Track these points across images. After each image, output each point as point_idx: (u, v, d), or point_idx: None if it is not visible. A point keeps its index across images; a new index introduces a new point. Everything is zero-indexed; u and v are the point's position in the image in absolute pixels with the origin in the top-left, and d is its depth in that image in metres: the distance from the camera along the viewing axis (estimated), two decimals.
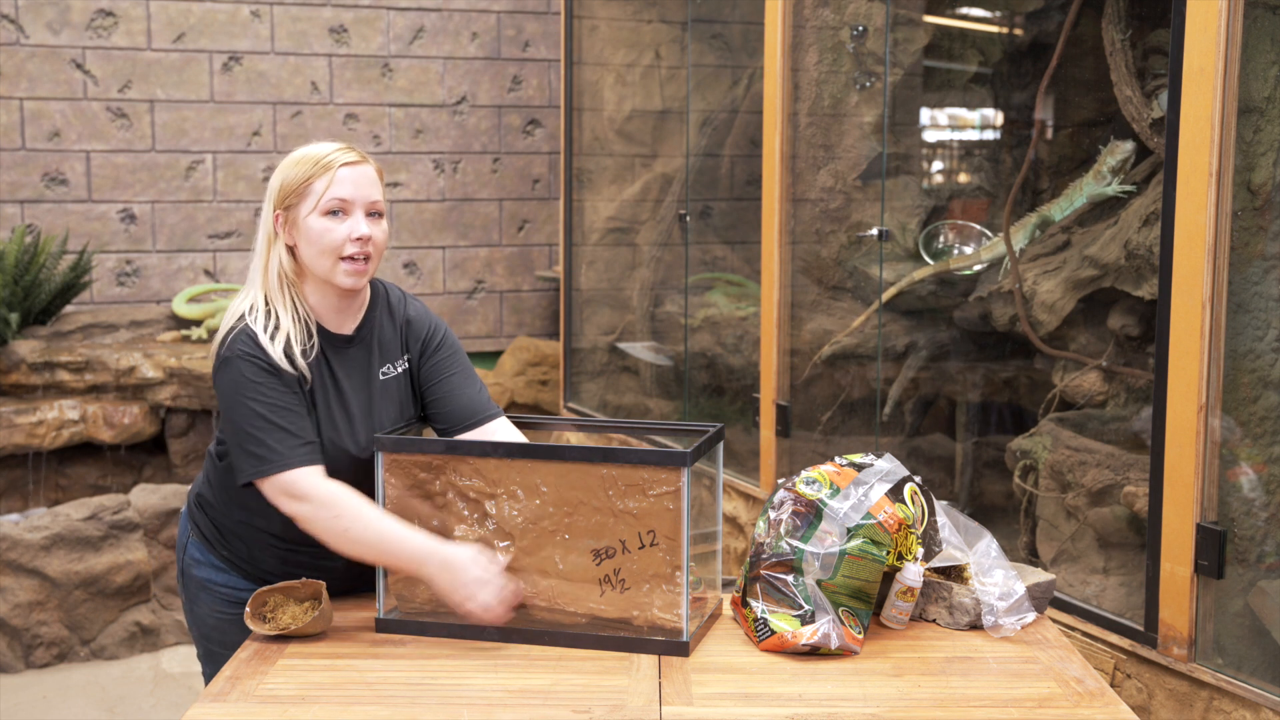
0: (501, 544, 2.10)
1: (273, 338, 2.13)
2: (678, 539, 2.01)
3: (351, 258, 2.15)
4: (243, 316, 2.17)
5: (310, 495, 2.08)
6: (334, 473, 2.15)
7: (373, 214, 2.18)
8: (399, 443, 2.12)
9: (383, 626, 2.14)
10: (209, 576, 2.31)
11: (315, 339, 2.19)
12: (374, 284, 2.33)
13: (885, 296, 3.70)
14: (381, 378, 2.26)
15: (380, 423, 2.24)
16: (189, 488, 2.43)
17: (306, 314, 2.19)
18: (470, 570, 2.03)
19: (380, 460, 2.12)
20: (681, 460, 1.99)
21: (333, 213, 2.15)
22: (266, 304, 2.17)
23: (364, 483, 2.16)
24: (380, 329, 2.29)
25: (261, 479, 2.09)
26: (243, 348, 2.12)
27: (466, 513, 2.11)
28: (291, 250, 2.19)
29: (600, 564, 2.05)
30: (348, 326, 2.25)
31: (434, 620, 2.13)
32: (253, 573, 2.29)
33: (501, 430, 2.31)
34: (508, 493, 2.08)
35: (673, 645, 2.03)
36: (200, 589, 2.32)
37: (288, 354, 2.13)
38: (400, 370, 2.30)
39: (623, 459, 2.03)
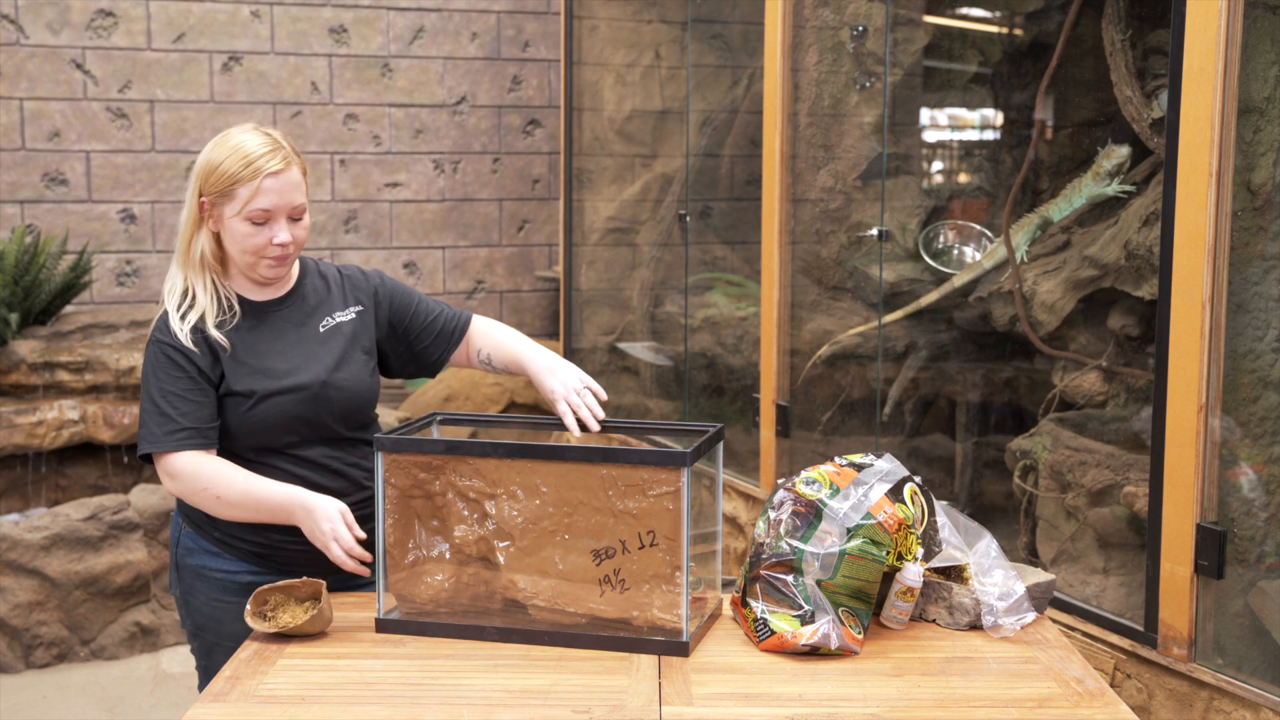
0: (501, 544, 2.10)
1: (184, 317, 2.24)
2: (677, 539, 2.01)
3: (273, 258, 2.26)
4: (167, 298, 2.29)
5: (178, 473, 2.21)
6: (278, 412, 2.25)
7: (295, 217, 2.26)
8: (399, 443, 2.12)
9: (383, 627, 2.14)
10: (203, 563, 2.33)
11: (236, 310, 2.28)
12: (303, 260, 2.42)
13: (889, 319, 3.70)
14: (321, 329, 2.34)
15: (322, 362, 2.31)
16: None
17: (227, 292, 2.28)
18: (323, 522, 2.17)
19: (380, 460, 2.12)
20: (681, 460, 2.00)
21: (256, 220, 2.23)
22: (185, 283, 2.27)
23: (324, 409, 2.28)
24: (313, 290, 2.37)
25: (147, 455, 2.24)
26: (157, 333, 2.26)
27: (466, 513, 2.11)
28: (216, 235, 2.28)
29: (600, 564, 2.06)
30: (274, 295, 2.34)
31: (434, 620, 2.13)
32: (248, 549, 2.30)
33: (483, 326, 2.51)
34: (507, 493, 2.08)
35: (673, 645, 2.03)
36: (195, 578, 2.34)
37: (200, 328, 2.24)
38: (348, 318, 2.37)
39: (623, 459, 2.03)
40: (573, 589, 2.07)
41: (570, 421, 2.27)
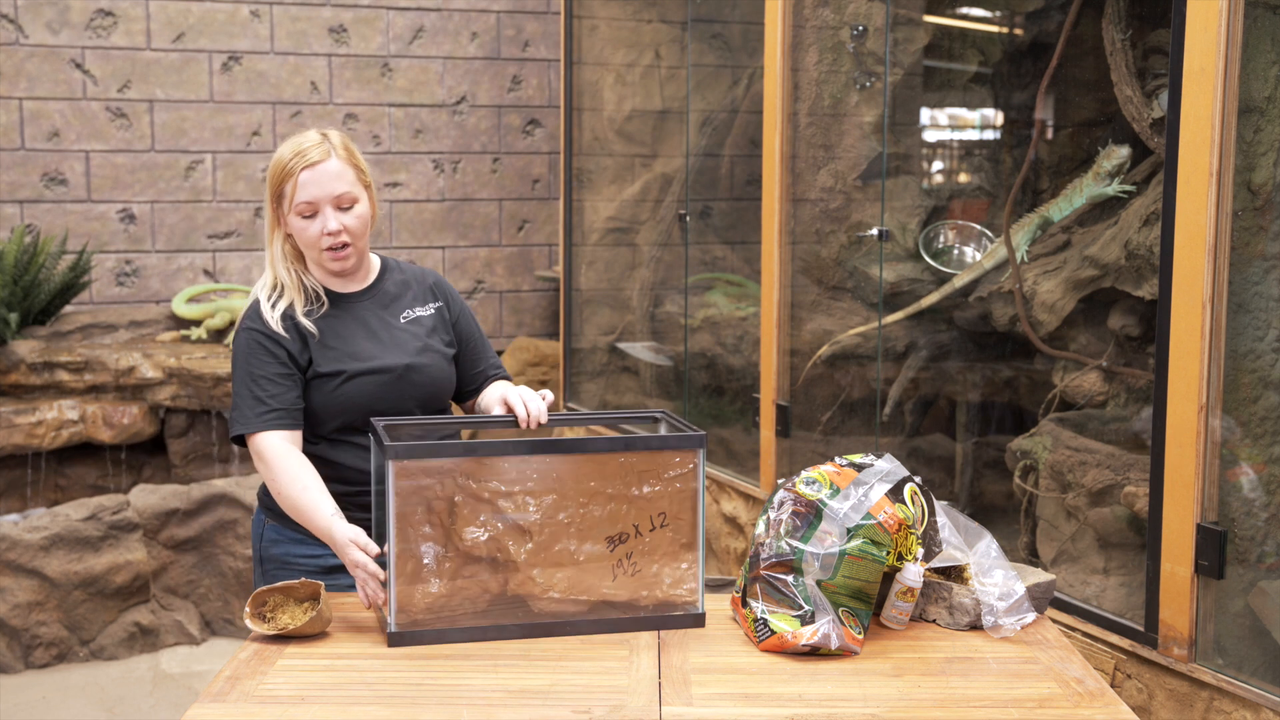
0: (516, 541, 2.10)
1: (274, 305, 2.35)
2: (690, 517, 2.12)
3: (331, 248, 2.34)
4: (259, 290, 2.39)
5: (262, 455, 2.31)
6: (362, 393, 2.34)
7: (343, 206, 2.33)
8: (410, 449, 2.07)
9: (395, 640, 2.09)
10: (288, 551, 2.40)
11: (324, 300, 2.39)
12: (384, 259, 2.53)
13: (889, 319, 3.70)
14: (403, 319, 2.43)
15: (406, 347, 2.40)
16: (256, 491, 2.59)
17: (314, 285, 2.39)
18: (346, 552, 2.16)
19: (391, 470, 2.10)
20: (699, 442, 2.13)
21: (304, 214, 2.32)
22: (275, 278, 2.38)
23: (408, 392, 2.38)
24: (393, 285, 2.47)
25: (237, 434, 2.34)
26: (247, 321, 2.36)
27: (476, 514, 2.10)
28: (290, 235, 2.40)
29: (614, 549, 2.13)
30: (356, 287, 2.45)
31: (450, 627, 2.10)
32: None
33: (498, 385, 2.50)
34: (524, 489, 2.10)
35: (689, 618, 2.13)
36: (279, 567, 2.41)
37: (290, 315, 2.34)
38: (428, 312, 2.47)
39: (641, 445, 2.12)
40: (587, 577, 2.12)
41: (519, 412, 2.32)
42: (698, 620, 2.15)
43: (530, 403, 2.32)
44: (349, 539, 2.19)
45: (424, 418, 2.37)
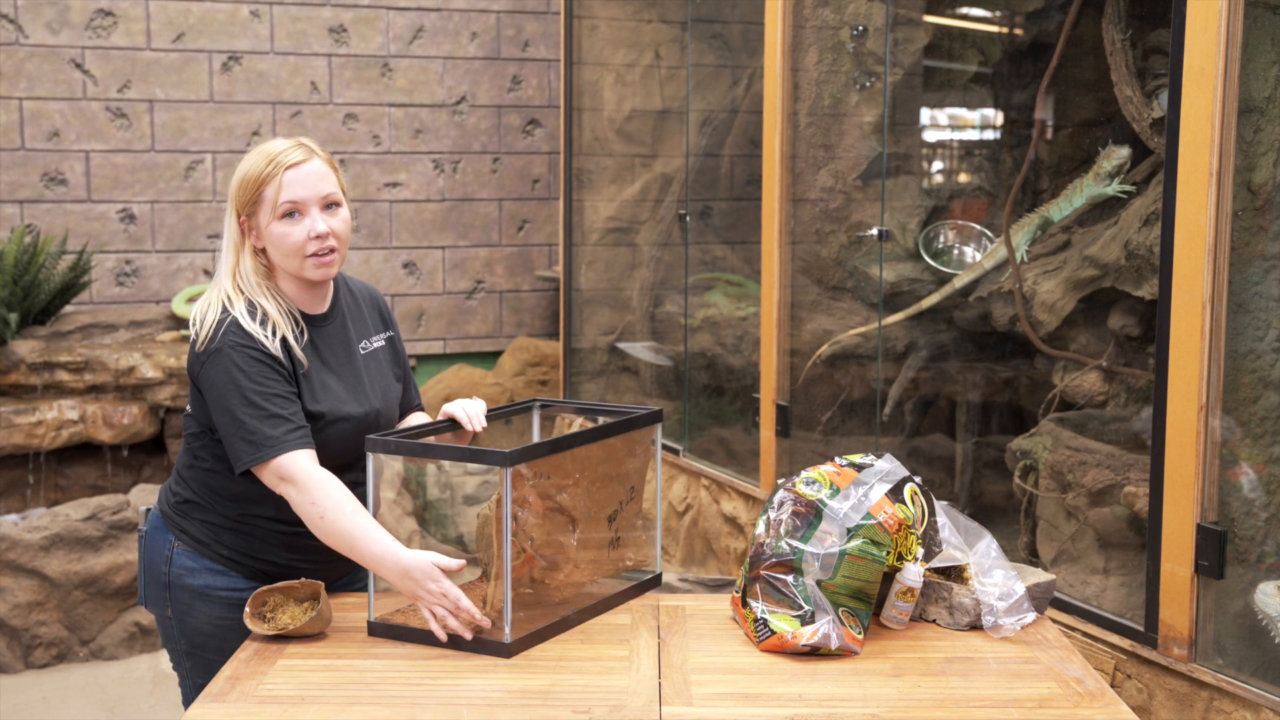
0: (567, 535, 2.16)
1: (263, 326, 2.18)
2: (647, 485, 2.29)
3: (316, 253, 2.20)
4: (225, 310, 2.19)
5: (297, 478, 2.11)
6: (340, 439, 2.22)
7: (329, 206, 2.22)
8: (525, 452, 2.03)
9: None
10: (208, 583, 2.25)
11: (304, 326, 2.24)
12: None
13: (889, 320, 3.70)
14: (362, 351, 2.33)
15: (373, 390, 2.31)
16: (145, 507, 2.43)
17: (289, 305, 2.24)
18: (426, 582, 2.03)
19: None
20: (658, 417, 2.33)
21: (288, 215, 2.19)
22: (249, 301, 2.21)
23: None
24: (348, 306, 2.36)
25: (259, 465, 2.12)
26: (234, 338, 2.16)
27: (543, 513, 2.12)
28: (262, 250, 2.24)
29: (613, 524, 2.23)
30: (320, 307, 2.30)
31: (538, 627, 2.09)
32: (257, 567, 2.25)
33: (414, 417, 2.48)
34: (573, 481, 2.14)
35: (650, 582, 2.32)
36: (197, 598, 2.26)
37: (284, 343, 2.19)
38: (380, 344, 2.38)
39: (625, 428, 2.25)
40: (591, 561, 2.20)
41: (463, 420, 2.29)
42: (655, 581, 2.34)
43: (469, 406, 2.31)
44: (431, 563, 2.03)
45: (406, 429, 2.29)
